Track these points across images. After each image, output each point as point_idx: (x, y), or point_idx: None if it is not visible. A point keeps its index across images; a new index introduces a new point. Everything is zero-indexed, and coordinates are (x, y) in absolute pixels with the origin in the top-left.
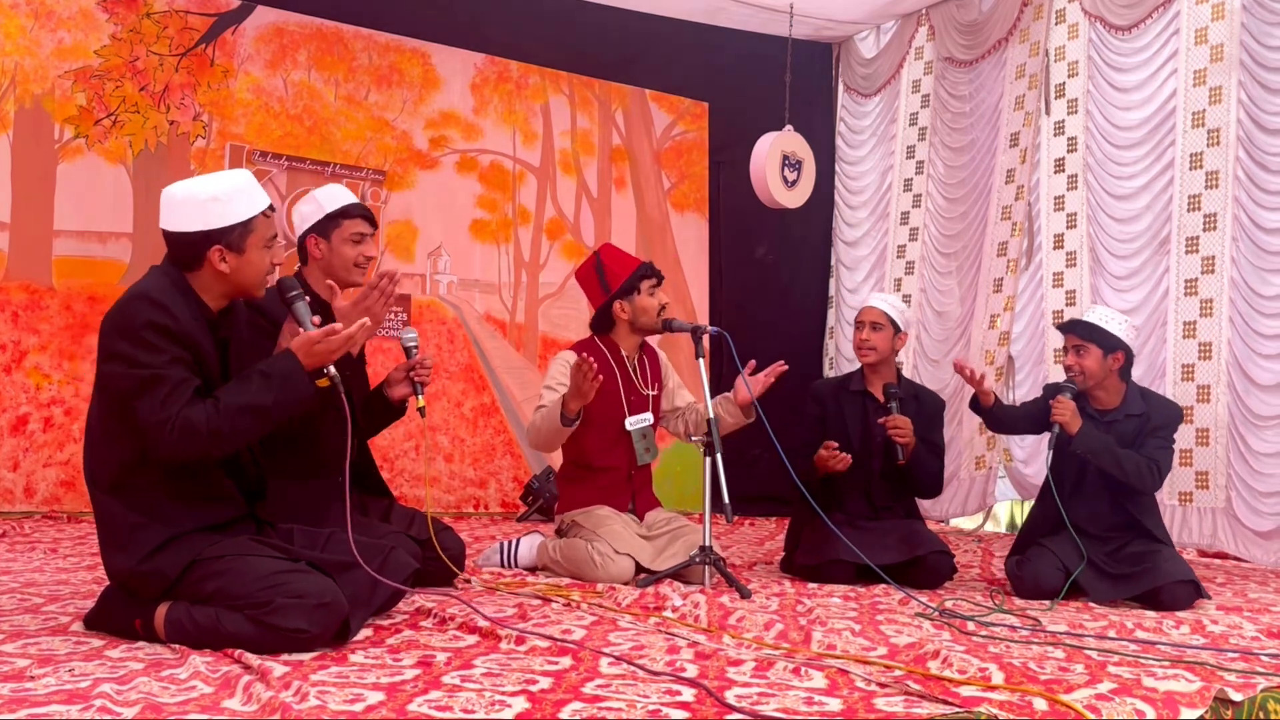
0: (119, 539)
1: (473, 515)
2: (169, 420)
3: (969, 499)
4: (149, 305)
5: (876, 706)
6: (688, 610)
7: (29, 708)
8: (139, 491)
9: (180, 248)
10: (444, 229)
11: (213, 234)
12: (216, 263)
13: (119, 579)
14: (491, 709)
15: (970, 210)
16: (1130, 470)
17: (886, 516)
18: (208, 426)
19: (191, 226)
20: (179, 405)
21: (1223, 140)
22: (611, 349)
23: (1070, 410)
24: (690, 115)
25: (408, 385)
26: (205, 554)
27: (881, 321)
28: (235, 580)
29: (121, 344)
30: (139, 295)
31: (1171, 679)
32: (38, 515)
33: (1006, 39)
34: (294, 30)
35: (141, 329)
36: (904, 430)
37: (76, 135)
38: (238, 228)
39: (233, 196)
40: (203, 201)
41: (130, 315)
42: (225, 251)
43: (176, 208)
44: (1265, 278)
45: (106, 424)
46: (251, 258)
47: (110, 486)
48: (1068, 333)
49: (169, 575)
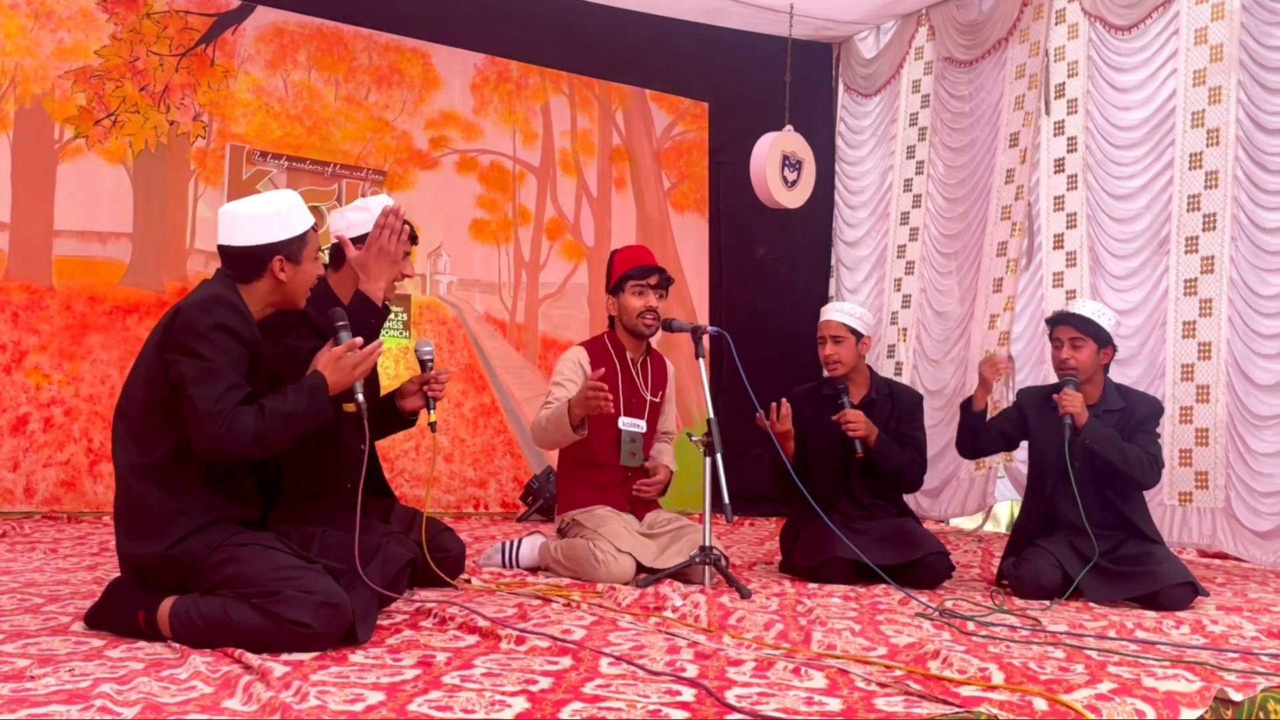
0: (153, 524)
1: (473, 515)
2: (223, 414)
3: (968, 499)
4: (228, 309)
5: (876, 706)
6: (688, 610)
7: (29, 708)
8: (181, 481)
9: (243, 261)
10: (444, 229)
11: (276, 245)
12: (277, 272)
13: (141, 564)
14: (491, 709)
15: (970, 210)
16: (1134, 463)
17: (880, 515)
18: (254, 429)
19: (257, 240)
20: (233, 402)
21: (1222, 140)
22: (616, 347)
23: (1080, 402)
24: (690, 115)
25: (420, 398)
26: (230, 540)
27: (841, 334)
28: (251, 566)
29: (196, 338)
30: (217, 298)
31: (1171, 679)
32: (38, 515)
33: (1006, 39)
34: (294, 30)
35: (216, 328)
36: (856, 424)
37: (76, 135)
38: (296, 240)
39: (290, 212)
40: (265, 217)
41: (210, 313)
42: (285, 262)
43: (240, 224)
44: (1264, 277)
45: (158, 413)
46: (305, 268)
47: (153, 474)
48: (1064, 325)
49: (199, 557)
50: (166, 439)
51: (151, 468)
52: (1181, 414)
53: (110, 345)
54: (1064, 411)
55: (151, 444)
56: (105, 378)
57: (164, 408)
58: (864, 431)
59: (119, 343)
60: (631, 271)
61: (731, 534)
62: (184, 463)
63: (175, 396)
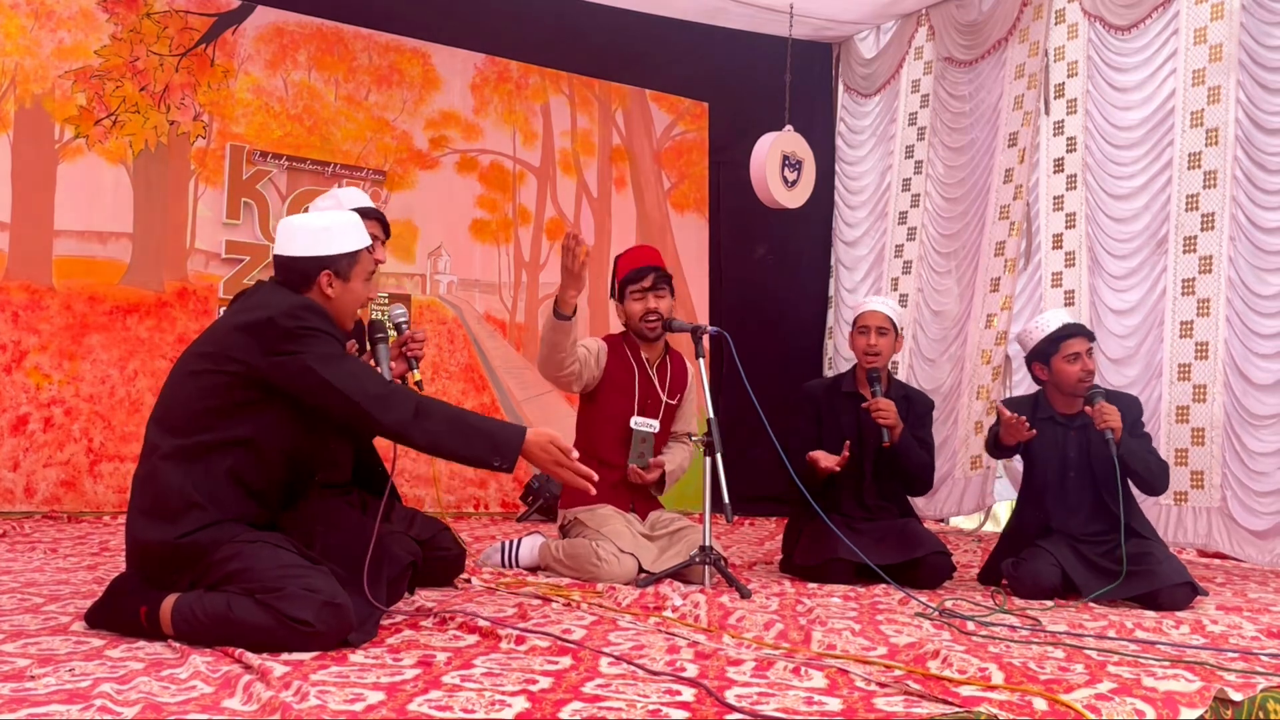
0: (170, 510)
1: (473, 515)
2: (387, 392)
3: (966, 499)
4: (318, 315)
5: (876, 706)
6: (688, 610)
7: (29, 708)
8: (208, 476)
9: (294, 272)
10: (444, 229)
11: (325, 259)
12: (325, 287)
13: (149, 552)
14: (491, 709)
15: (969, 210)
16: (1156, 471)
17: (882, 517)
18: (417, 405)
19: (307, 251)
20: (376, 376)
21: (1221, 140)
22: (633, 348)
23: (1119, 415)
24: (690, 115)
25: (402, 362)
26: (238, 537)
27: (887, 326)
28: (257, 563)
29: (304, 337)
30: (308, 306)
31: (1171, 679)
32: (38, 515)
33: (1006, 39)
34: (294, 30)
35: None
36: (886, 412)
37: (76, 135)
38: (346, 257)
39: (344, 229)
40: (317, 230)
41: (304, 319)
42: (333, 277)
43: (294, 234)
44: (1263, 277)
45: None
46: (354, 286)
47: (183, 463)
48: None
49: (203, 548)
50: (208, 433)
51: (181, 456)
52: (1178, 413)
53: (110, 345)
54: (1105, 426)
55: (188, 434)
56: (105, 378)
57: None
58: (892, 420)
59: (119, 343)
60: (628, 276)
61: (731, 534)
62: (215, 458)
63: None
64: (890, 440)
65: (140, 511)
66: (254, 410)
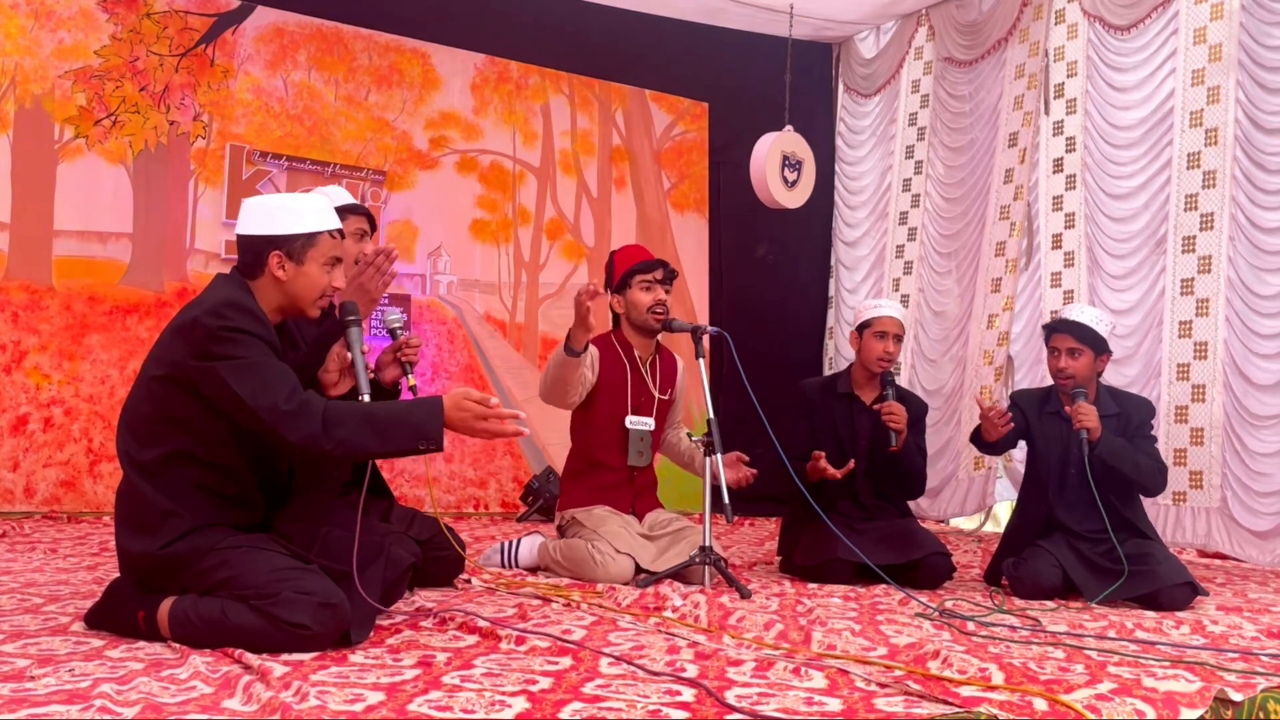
0: (148, 522)
1: (473, 515)
2: (293, 410)
3: (968, 499)
4: (239, 311)
5: (876, 706)
6: (688, 610)
7: (29, 708)
8: (174, 484)
9: (244, 251)
10: (444, 229)
11: (276, 239)
12: (275, 269)
13: (135, 563)
14: (491, 709)
15: (969, 210)
16: (1145, 472)
17: (880, 516)
18: (324, 415)
19: (257, 230)
20: (294, 390)
21: (1220, 140)
22: (624, 346)
23: (1095, 415)
24: (690, 115)
25: (397, 367)
26: (222, 544)
27: (901, 333)
28: (247, 570)
29: (222, 343)
30: (229, 302)
31: (1171, 679)
32: (38, 515)
33: (1006, 39)
34: (294, 30)
35: (236, 331)
36: (898, 416)
37: (76, 135)
38: (301, 238)
39: (302, 210)
40: (271, 209)
41: (225, 317)
42: (284, 259)
43: (248, 212)
44: (1262, 277)
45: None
46: (309, 271)
47: (149, 473)
48: (1061, 333)
49: (186, 558)
50: (163, 442)
51: (147, 467)
52: (1177, 413)
53: (110, 345)
54: (1080, 426)
55: (149, 444)
56: (105, 378)
57: (164, 414)
58: (902, 425)
59: (119, 343)
60: (637, 266)
61: (731, 534)
62: (177, 466)
63: (178, 404)
64: (896, 445)
65: (122, 523)
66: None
